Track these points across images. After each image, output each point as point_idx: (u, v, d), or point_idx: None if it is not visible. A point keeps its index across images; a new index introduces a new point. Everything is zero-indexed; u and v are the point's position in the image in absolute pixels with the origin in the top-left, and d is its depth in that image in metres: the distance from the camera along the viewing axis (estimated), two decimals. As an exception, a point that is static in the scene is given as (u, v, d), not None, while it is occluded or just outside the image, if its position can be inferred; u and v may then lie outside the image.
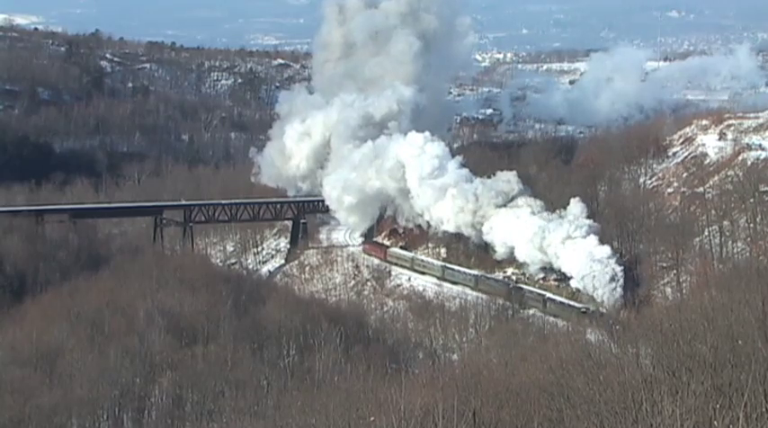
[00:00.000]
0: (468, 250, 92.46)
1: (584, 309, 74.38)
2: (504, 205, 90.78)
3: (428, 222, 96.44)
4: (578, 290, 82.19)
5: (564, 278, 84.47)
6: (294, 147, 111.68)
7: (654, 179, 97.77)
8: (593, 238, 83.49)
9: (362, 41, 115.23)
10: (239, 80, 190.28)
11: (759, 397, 22.71)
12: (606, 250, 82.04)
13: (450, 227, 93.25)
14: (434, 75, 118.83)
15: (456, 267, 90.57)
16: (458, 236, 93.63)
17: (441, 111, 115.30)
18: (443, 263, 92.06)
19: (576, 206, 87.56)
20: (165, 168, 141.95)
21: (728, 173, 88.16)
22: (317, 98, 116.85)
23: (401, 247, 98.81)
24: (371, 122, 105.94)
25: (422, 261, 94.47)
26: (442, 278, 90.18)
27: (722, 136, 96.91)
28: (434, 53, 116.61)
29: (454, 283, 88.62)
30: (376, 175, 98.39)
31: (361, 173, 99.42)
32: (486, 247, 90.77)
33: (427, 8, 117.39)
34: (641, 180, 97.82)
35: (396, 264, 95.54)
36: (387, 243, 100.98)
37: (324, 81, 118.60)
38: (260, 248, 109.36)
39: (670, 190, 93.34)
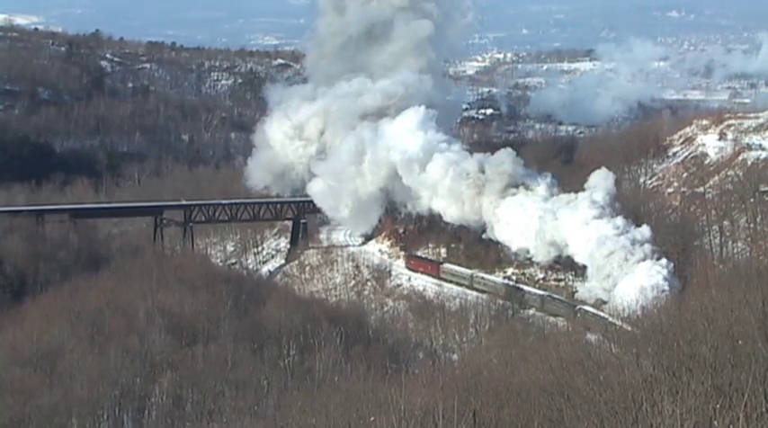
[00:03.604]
0: (469, 250, 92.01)
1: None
2: (513, 187, 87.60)
3: (431, 216, 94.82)
4: (575, 292, 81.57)
5: (567, 275, 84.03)
6: (291, 154, 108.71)
7: (654, 179, 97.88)
8: (620, 219, 79.77)
9: (361, 34, 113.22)
10: (239, 80, 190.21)
11: (759, 397, 22.72)
12: (644, 231, 78.62)
13: (452, 219, 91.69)
14: (438, 71, 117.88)
15: (521, 285, 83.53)
16: (458, 237, 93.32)
17: (445, 112, 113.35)
18: (506, 281, 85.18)
19: (600, 177, 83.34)
20: (165, 168, 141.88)
21: (729, 173, 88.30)
22: (308, 89, 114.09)
23: (401, 248, 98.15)
24: (372, 111, 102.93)
25: (482, 278, 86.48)
26: (504, 297, 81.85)
27: (722, 136, 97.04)
28: (436, 43, 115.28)
29: (519, 304, 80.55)
30: (371, 179, 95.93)
31: (349, 179, 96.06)
32: (488, 246, 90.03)
33: None
34: (641, 180, 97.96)
35: (451, 282, 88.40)
36: (386, 243, 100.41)
37: (320, 76, 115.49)
38: (260, 248, 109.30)
39: (670, 190, 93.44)
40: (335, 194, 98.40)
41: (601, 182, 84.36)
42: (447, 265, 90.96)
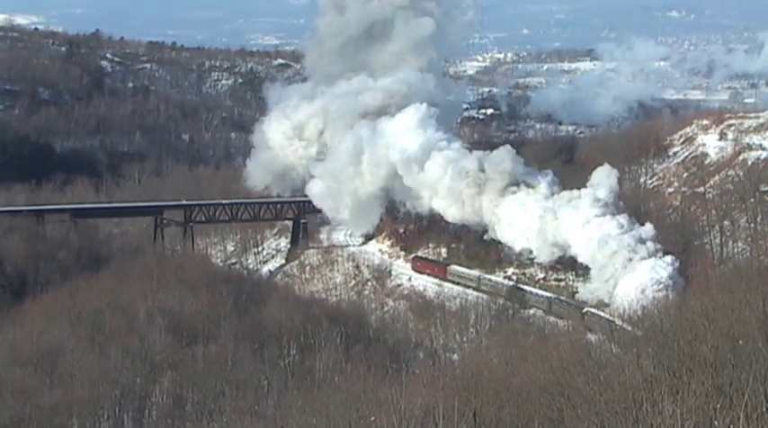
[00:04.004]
0: (470, 250, 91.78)
1: None
2: (513, 185, 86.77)
3: (431, 216, 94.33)
4: (576, 292, 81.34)
5: (567, 275, 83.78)
6: (290, 154, 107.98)
7: (654, 179, 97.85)
8: (624, 217, 78.76)
9: (362, 33, 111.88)
10: (240, 80, 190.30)
11: (760, 397, 22.71)
12: (648, 230, 77.56)
13: (453, 218, 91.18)
14: (439, 70, 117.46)
15: (528, 288, 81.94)
16: (458, 237, 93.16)
17: (445, 112, 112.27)
18: (513, 283, 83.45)
19: (603, 174, 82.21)
20: (165, 168, 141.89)
21: (729, 173, 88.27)
22: (307, 89, 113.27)
23: (402, 248, 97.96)
24: (372, 110, 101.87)
25: (489, 280, 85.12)
26: (510, 299, 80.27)
27: (723, 136, 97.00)
28: (437, 42, 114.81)
29: (523, 306, 79.74)
30: (370, 179, 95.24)
31: (348, 180, 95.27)
32: (489, 245, 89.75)
33: None
34: (642, 180, 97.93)
35: (458, 284, 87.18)
36: (386, 243, 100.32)
37: (320, 76, 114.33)
38: (260, 248, 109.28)
39: (670, 190, 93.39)
40: (335, 195, 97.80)
41: (604, 179, 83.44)
42: (454, 267, 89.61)
